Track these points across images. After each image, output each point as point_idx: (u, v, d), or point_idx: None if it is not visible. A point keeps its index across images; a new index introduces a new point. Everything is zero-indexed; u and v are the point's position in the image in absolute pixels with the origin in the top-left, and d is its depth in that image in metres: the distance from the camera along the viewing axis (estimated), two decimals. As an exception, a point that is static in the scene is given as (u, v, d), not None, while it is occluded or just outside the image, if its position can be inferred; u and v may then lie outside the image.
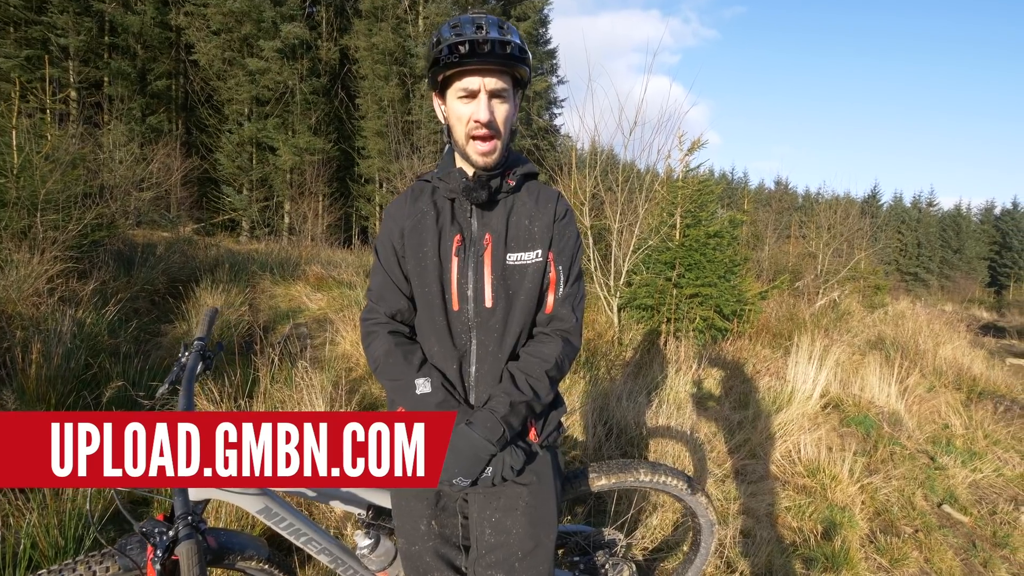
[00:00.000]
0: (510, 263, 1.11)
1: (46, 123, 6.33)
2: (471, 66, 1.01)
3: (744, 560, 2.28)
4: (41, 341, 3.17)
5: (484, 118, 1.04)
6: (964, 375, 5.81)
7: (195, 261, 6.92)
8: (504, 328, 1.11)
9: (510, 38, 1.02)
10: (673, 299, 5.29)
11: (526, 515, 1.15)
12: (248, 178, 15.33)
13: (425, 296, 1.14)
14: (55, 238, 4.73)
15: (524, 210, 1.15)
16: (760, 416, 3.67)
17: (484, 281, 1.11)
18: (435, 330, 1.13)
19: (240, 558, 1.25)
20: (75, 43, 13.49)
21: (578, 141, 6.28)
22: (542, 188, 1.20)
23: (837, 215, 11.18)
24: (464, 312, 1.11)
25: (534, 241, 1.13)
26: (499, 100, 1.06)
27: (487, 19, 1.03)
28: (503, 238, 1.12)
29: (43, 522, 1.91)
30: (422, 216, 1.15)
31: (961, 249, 40.01)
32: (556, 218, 1.16)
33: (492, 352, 1.12)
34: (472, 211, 1.14)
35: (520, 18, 17.42)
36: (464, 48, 0.98)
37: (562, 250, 1.16)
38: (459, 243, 1.11)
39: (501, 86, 1.05)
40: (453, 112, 1.08)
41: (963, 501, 3.21)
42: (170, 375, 1.21)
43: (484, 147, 1.07)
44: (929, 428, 4.24)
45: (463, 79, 1.03)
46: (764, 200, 31.73)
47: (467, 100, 1.05)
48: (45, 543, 1.88)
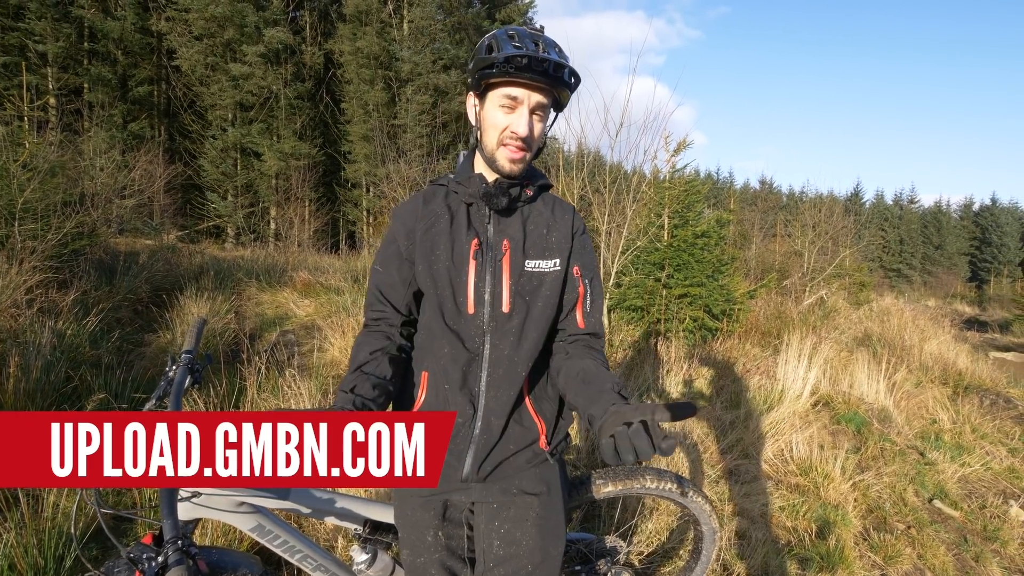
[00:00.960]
0: (528, 269, 1.12)
1: (24, 131, 6.19)
2: (522, 79, 1.02)
3: (740, 562, 2.28)
4: (20, 353, 3.08)
5: (523, 132, 1.05)
6: (950, 370, 5.91)
7: (179, 269, 6.80)
8: (521, 333, 1.11)
9: (566, 63, 1.04)
10: (663, 300, 5.31)
11: (536, 526, 1.13)
12: (233, 184, 15.12)
13: (436, 298, 1.12)
14: (34, 248, 4.61)
15: (541, 219, 1.17)
16: (752, 415, 3.69)
17: (502, 286, 1.11)
18: (446, 333, 1.11)
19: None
20: (54, 49, 13.21)
21: (565, 143, 6.29)
22: (557, 200, 1.22)
23: (822, 213, 11.35)
24: (479, 316, 1.10)
25: (552, 251, 1.15)
26: (538, 117, 1.08)
27: (544, 38, 1.05)
28: (522, 245, 1.13)
29: (21, 542, 1.85)
30: (436, 219, 1.15)
31: (942, 245, 40.83)
32: (575, 231, 1.19)
33: (508, 356, 1.10)
34: (490, 217, 1.14)
35: (505, 21, 17.46)
36: (523, 61, 0.99)
37: (586, 264, 1.19)
38: (477, 247, 1.11)
39: (544, 103, 1.07)
40: (490, 117, 1.08)
41: (953, 496, 3.25)
42: (157, 389, 1.17)
43: (515, 155, 1.08)
44: (918, 423, 4.30)
45: (509, 87, 1.05)
46: (750, 199, 32.16)
47: (508, 110, 1.06)
48: (24, 564, 1.82)
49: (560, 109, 1.14)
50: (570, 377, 1.09)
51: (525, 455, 1.14)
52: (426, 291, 1.15)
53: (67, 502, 2.07)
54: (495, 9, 17.55)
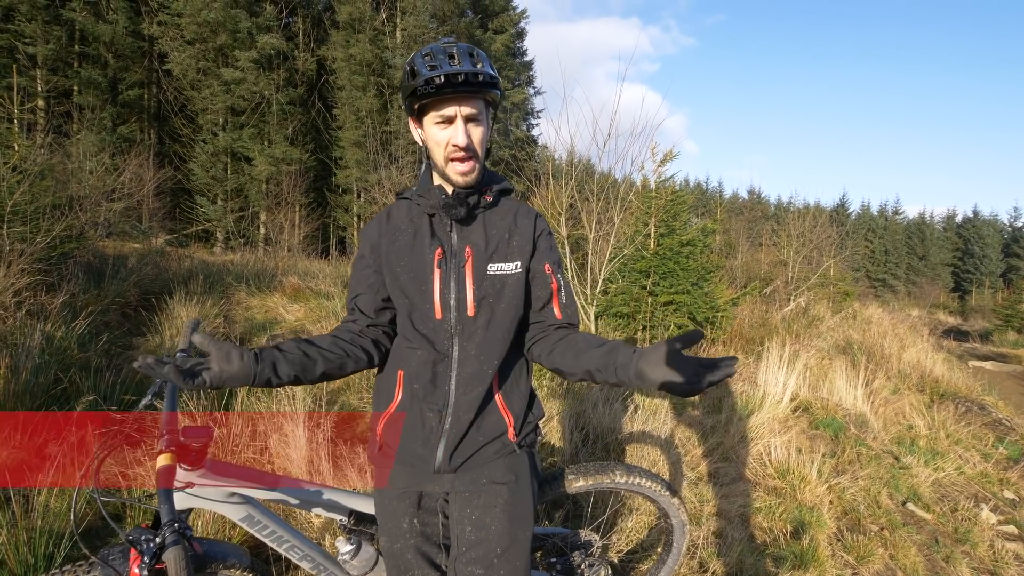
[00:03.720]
0: (491, 273, 1.18)
1: (13, 133, 6.17)
2: (447, 95, 1.09)
3: (717, 560, 2.35)
4: (9, 355, 3.10)
5: (462, 143, 1.12)
6: (927, 377, 6.06)
7: (168, 273, 6.78)
8: (486, 334, 1.17)
9: (481, 68, 1.10)
10: (648, 307, 5.41)
11: (504, 512, 1.19)
12: (223, 188, 15.05)
13: (406, 307, 1.20)
14: (22, 250, 4.60)
15: (503, 224, 1.23)
16: (732, 420, 3.78)
17: (466, 291, 1.17)
18: (417, 338, 1.19)
19: (222, 566, 1.26)
20: (43, 52, 13.13)
21: (555, 152, 6.40)
22: (520, 206, 1.29)
23: (807, 223, 11.56)
24: (447, 320, 1.17)
25: (513, 254, 1.21)
26: (474, 124, 1.14)
27: (458, 47, 1.11)
28: (483, 250, 1.19)
29: (12, 540, 1.88)
30: (399, 232, 1.23)
31: (926, 256, 41.60)
32: (538, 233, 1.26)
33: (475, 356, 1.17)
34: (452, 226, 1.21)
35: (497, 31, 17.65)
36: (440, 80, 1.06)
37: (554, 260, 1.27)
38: (440, 256, 1.18)
39: (475, 111, 1.13)
40: (431, 137, 1.15)
41: (926, 499, 3.34)
42: (152, 386, 1.22)
43: (464, 167, 1.15)
44: (894, 429, 4.41)
45: (439, 107, 1.11)
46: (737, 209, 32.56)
47: (444, 126, 1.13)
48: (14, 561, 1.85)
49: (495, 107, 1.21)
50: (568, 351, 1.15)
51: (494, 446, 1.21)
52: (396, 300, 1.22)
53: (56, 502, 2.10)
54: (488, 19, 17.75)
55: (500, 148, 15.47)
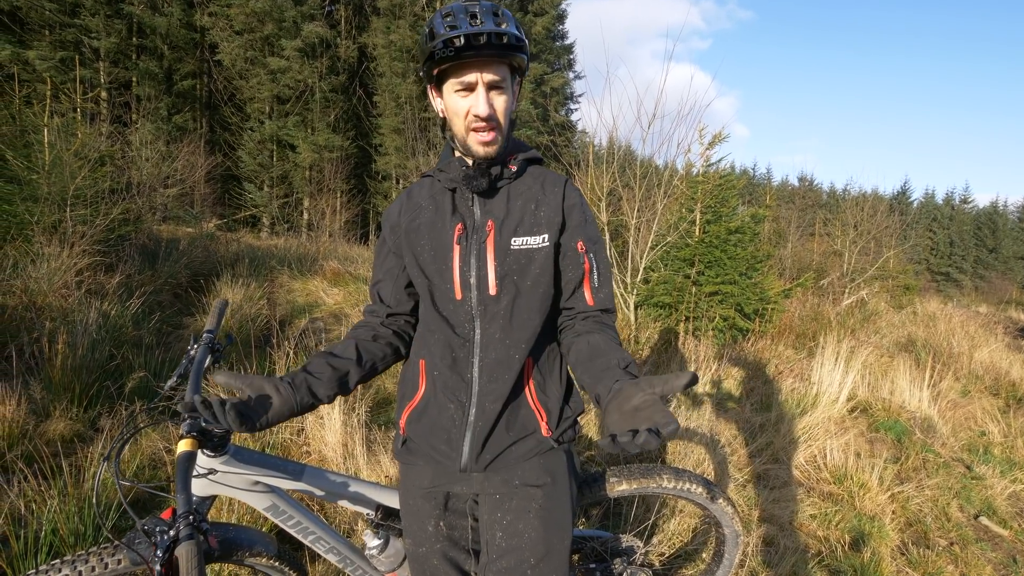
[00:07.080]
0: (515, 248, 1.07)
1: (77, 122, 6.48)
2: (468, 59, 0.97)
3: (767, 570, 2.20)
4: (68, 332, 3.24)
5: (484, 112, 1.00)
6: (1002, 380, 5.56)
7: (216, 256, 7.03)
8: (511, 315, 1.06)
9: (506, 28, 0.97)
10: (692, 297, 5.17)
11: (539, 518, 1.09)
12: (269, 175, 15.54)
13: (427, 288, 1.11)
14: (84, 232, 4.84)
15: (529, 194, 1.11)
16: (783, 419, 3.55)
17: (488, 268, 1.06)
18: (437, 320, 1.10)
19: (248, 554, 1.23)
20: (106, 45, 13.82)
21: (595, 135, 6.18)
22: (548, 173, 1.16)
23: (864, 212, 10.83)
24: (467, 301, 1.07)
25: (540, 226, 1.09)
26: (497, 91, 1.02)
27: (481, 6, 0.98)
28: (506, 224, 1.08)
29: (64, 509, 1.95)
30: (419, 210, 1.14)
31: (997, 248, 38.47)
32: (568, 204, 1.12)
33: (499, 340, 1.07)
34: (474, 199, 1.11)
35: (538, 13, 17.29)
36: (460, 42, 0.94)
37: (589, 237, 1.13)
38: (460, 231, 1.08)
39: (499, 77, 1.00)
40: (451, 106, 1.04)
41: (1002, 513, 3.06)
42: (179, 367, 1.20)
43: (486, 137, 1.03)
44: (964, 435, 4.06)
45: (459, 73, 1.00)
46: (787, 196, 31.01)
47: (465, 94, 1.02)
48: (66, 529, 1.92)
49: (522, 75, 1.08)
50: (579, 355, 1.04)
51: (526, 444, 1.10)
52: (416, 282, 1.14)
53: (106, 474, 2.17)
54: (528, 1, 17.40)
55: (539, 133, 15.24)
